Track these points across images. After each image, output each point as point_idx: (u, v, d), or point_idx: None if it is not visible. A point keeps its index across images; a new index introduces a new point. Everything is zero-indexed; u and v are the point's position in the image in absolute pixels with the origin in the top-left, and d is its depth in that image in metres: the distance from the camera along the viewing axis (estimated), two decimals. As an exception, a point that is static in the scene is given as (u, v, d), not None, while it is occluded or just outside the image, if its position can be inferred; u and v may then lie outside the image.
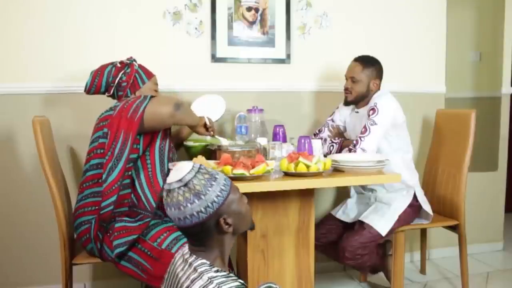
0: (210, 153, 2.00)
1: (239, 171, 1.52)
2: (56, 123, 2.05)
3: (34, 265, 2.24)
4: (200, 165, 1.13)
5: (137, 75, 1.86)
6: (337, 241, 2.11)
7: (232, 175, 1.52)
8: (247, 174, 1.52)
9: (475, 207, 2.86)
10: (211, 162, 1.72)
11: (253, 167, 1.55)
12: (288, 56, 2.48)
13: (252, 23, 2.42)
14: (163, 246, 1.64)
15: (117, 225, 1.66)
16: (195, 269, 1.08)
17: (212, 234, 1.12)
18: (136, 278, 1.68)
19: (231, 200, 1.12)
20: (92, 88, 1.85)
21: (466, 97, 3.00)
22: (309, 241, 1.81)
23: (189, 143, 2.06)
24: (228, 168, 1.53)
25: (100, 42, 2.21)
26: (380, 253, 2.21)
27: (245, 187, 1.53)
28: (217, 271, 1.08)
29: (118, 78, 1.83)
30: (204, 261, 1.11)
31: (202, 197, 1.07)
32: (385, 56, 2.25)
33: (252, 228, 1.23)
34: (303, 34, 2.51)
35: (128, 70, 1.85)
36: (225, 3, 2.36)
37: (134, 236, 1.65)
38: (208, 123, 1.88)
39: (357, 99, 2.16)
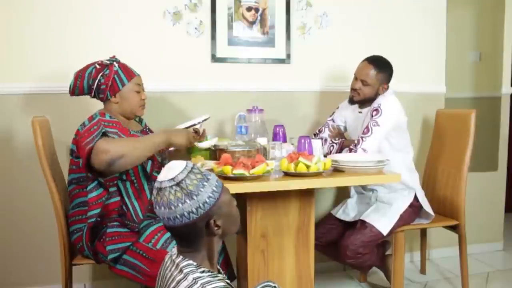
0: (210, 153, 1.99)
1: (239, 171, 1.51)
2: (55, 123, 2.05)
3: (34, 265, 2.24)
4: (193, 164, 1.11)
5: (116, 76, 1.75)
6: (337, 241, 2.11)
7: (232, 175, 1.52)
8: (247, 174, 1.52)
9: (475, 207, 2.85)
10: (210, 162, 1.72)
11: (253, 167, 1.54)
12: (288, 56, 2.48)
13: (252, 23, 2.42)
14: (158, 246, 1.63)
15: (109, 230, 1.66)
16: (181, 270, 1.07)
17: (201, 236, 1.09)
18: (133, 280, 1.67)
19: (222, 201, 1.10)
20: (76, 90, 1.78)
21: (466, 97, 3.00)
22: (309, 241, 1.81)
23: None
24: (228, 168, 1.52)
25: (100, 42, 2.21)
26: (380, 253, 2.21)
27: (245, 187, 1.53)
28: (203, 271, 1.06)
29: (97, 81, 1.75)
30: (190, 262, 1.09)
31: (194, 197, 1.05)
32: (385, 56, 2.24)
33: (239, 231, 1.19)
34: (303, 34, 2.50)
35: (107, 72, 1.74)
36: (225, 3, 2.36)
37: (128, 244, 1.65)
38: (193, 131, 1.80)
39: (364, 101, 2.14)
